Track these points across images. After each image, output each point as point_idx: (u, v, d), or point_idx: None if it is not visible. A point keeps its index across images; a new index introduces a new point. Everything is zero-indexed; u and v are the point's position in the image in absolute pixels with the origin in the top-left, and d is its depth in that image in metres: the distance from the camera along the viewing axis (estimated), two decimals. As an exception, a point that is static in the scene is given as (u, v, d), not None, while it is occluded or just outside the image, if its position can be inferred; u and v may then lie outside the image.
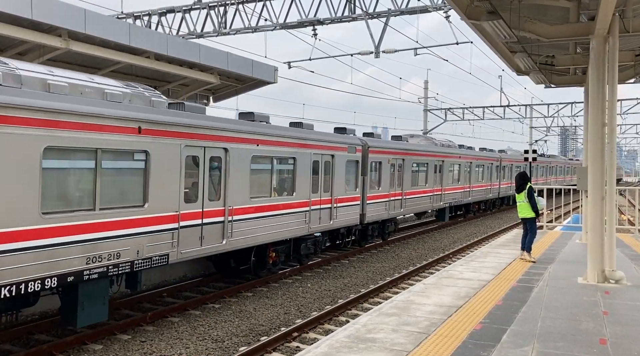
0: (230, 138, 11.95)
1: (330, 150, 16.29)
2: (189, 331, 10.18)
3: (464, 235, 24.69)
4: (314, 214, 15.40)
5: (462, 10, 9.44)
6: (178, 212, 10.44)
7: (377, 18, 19.23)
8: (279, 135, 13.82)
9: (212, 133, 11.40)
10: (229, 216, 11.88)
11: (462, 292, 9.12)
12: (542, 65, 13.99)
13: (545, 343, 6.52)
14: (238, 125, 12.42)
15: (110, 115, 9.05)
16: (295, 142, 14.50)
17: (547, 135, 57.60)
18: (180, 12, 21.46)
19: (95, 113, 8.80)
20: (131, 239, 9.41)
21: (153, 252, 9.88)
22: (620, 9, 9.53)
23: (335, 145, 16.57)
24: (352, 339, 6.64)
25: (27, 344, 9.21)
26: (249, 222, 12.54)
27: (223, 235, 11.73)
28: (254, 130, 12.81)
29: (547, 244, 14.64)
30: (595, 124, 9.61)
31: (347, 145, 17.25)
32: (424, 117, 42.21)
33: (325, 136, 16.21)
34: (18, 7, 11.59)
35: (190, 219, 10.81)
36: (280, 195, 14.03)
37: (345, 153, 17.12)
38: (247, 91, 21.15)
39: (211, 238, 11.37)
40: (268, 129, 13.42)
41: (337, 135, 17.18)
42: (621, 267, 10.49)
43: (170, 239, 10.24)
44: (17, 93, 7.81)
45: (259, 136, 12.98)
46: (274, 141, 13.62)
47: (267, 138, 13.33)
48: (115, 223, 9.17)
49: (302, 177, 14.83)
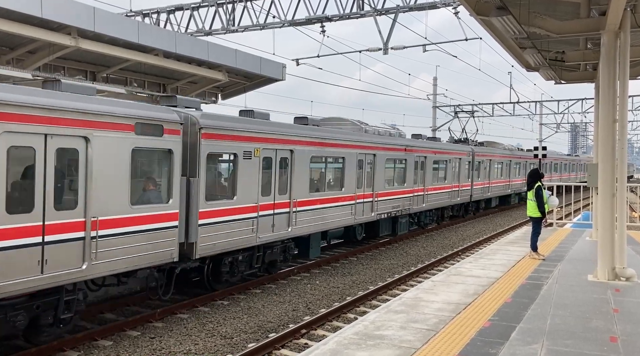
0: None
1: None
2: (197, 327, 10.22)
3: (473, 233, 24.59)
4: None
5: (471, 6, 9.39)
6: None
7: (385, 14, 19.16)
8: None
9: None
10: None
11: (470, 290, 9.08)
12: (552, 61, 13.88)
13: (555, 341, 6.49)
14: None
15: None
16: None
17: (557, 131, 57.18)
18: (188, 10, 21.50)
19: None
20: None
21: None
22: (631, 4, 9.42)
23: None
24: (361, 336, 6.64)
25: (38, 340, 9.28)
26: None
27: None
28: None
29: (557, 241, 14.55)
30: (606, 121, 9.52)
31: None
32: (433, 113, 42.07)
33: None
34: (28, 5, 11.69)
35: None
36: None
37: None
38: (256, 88, 21.19)
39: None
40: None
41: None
42: (632, 264, 10.40)
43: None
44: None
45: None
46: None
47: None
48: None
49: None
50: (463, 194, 27.07)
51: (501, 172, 33.93)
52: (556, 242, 14.51)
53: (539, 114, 48.08)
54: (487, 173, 30.99)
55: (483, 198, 30.94)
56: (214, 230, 11.26)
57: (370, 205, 17.97)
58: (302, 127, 14.87)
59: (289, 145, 13.68)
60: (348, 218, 16.69)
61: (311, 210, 14.67)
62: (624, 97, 9.82)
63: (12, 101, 7.66)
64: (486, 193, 31.09)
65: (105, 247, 8.97)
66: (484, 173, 30.45)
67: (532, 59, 13.15)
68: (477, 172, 29.12)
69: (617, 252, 9.66)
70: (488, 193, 31.43)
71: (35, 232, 7.95)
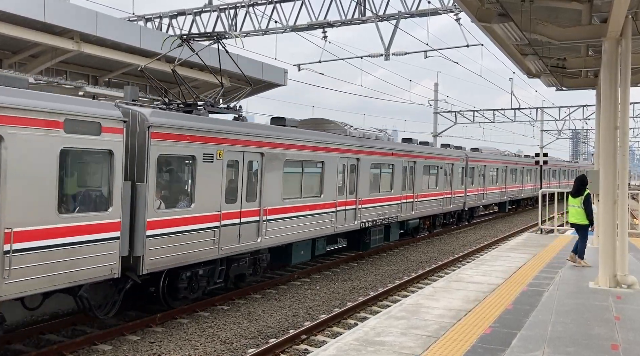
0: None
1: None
2: (197, 332, 10.20)
3: (474, 239, 24.56)
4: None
5: (473, 12, 9.41)
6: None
7: (387, 20, 19.22)
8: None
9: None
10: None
11: (471, 296, 9.06)
12: (553, 68, 13.90)
13: (556, 348, 6.46)
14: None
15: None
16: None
17: (558, 138, 57.19)
18: (191, 15, 21.57)
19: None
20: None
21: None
22: (633, 11, 9.44)
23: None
24: (361, 342, 6.62)
25: (38, 344, 9.28)
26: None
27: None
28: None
29: (558, 248, 14.53)
30: (608, 127, 9.53)
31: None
32: (434, 119, 42.11)
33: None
34: (31, 10, 11.73)
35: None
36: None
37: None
38: (257, 93, 21.24)
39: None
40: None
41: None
42: (633, 271, 10.38)
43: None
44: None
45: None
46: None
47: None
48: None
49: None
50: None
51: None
52: (557, 248, 14.49)
53: (540, 121, 48.08)
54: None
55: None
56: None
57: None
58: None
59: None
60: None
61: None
62: (625, 104, 9.82)
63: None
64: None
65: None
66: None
67: (533, 66, 13.17)
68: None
69: (618, 259, 9.64)
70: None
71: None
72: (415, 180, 21.35)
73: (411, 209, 21.11)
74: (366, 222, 17.56)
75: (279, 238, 13.25)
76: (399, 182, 19.88)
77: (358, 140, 17.29)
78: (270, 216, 12.84)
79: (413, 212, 21.31)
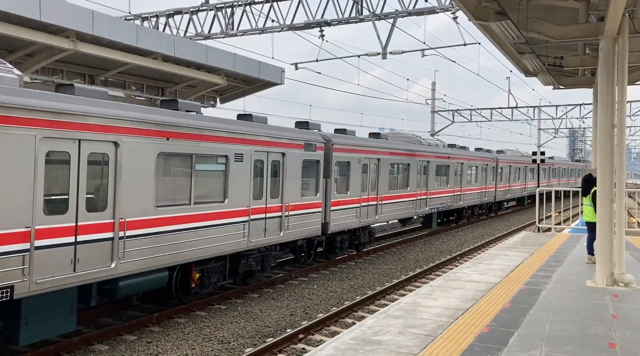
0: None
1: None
2: (195, 332, 10.17)
3: (471, 237, 24.57)
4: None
5: (470, 11, 9.39)
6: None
7: (384, 19, 19.20)
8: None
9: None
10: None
11: (469, 295, 9.05)
12: (550, 67, 13.91)
13: (553, 347, 6.46)
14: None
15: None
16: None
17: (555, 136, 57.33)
18: (187, 14, 21.52)
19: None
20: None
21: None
22: (630, 10, 9.44)
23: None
24: (358, 341, 6.61)
25: (34, 344, 9.23)
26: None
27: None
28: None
29: (555, 247, 14.53)
30: (605, 126, 9.53)
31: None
32: (432, 118, 42.15)
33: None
34: (26, 8, 11.65)
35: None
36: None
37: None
38: (254, 92, 21.16)
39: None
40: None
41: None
42: (630, 269, 10.39)
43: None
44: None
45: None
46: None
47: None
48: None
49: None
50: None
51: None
52: (554, 247, 14.49)
53: (537, 119, 48.14)
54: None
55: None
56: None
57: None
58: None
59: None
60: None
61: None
62: (622, 102, 9.82)
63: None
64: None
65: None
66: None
67: (530, 64, 13.17)
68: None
69: (615, 258, 9.64)
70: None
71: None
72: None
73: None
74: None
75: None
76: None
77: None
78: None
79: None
